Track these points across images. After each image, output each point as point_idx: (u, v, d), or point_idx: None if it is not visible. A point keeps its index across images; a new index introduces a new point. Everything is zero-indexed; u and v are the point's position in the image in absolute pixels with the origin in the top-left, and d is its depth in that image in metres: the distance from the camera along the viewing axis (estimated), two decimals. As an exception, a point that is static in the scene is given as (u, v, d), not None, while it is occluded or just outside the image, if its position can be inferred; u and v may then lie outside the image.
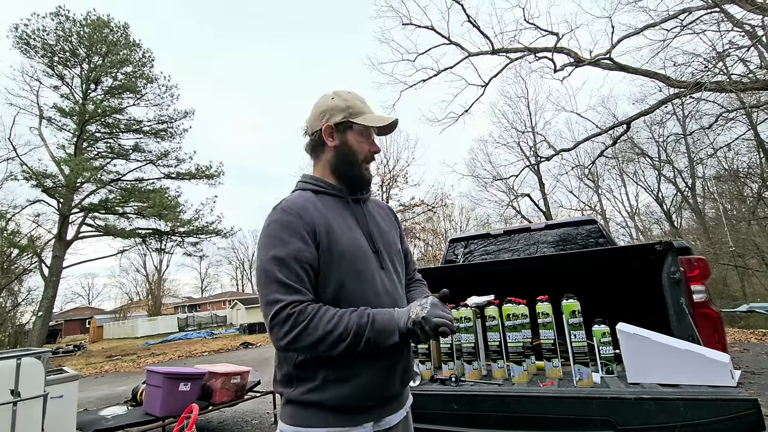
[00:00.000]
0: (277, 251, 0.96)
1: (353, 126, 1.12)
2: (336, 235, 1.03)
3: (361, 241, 1.08)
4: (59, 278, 17.40)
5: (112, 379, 9.88)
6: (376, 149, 1.16)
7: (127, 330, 33.49)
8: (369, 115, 1.13)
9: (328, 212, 1.07)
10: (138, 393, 4.37)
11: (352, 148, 1.12)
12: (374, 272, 1.06)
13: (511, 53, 11.66)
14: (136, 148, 18.92)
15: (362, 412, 0.99)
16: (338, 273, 1.00)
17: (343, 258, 1.01)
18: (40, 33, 16.58)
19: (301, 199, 1.07)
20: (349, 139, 1.12)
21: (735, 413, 1.45)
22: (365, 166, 1.15)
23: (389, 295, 1.08)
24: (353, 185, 1.15)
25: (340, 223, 1.06)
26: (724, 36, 8.67)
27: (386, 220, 1.25)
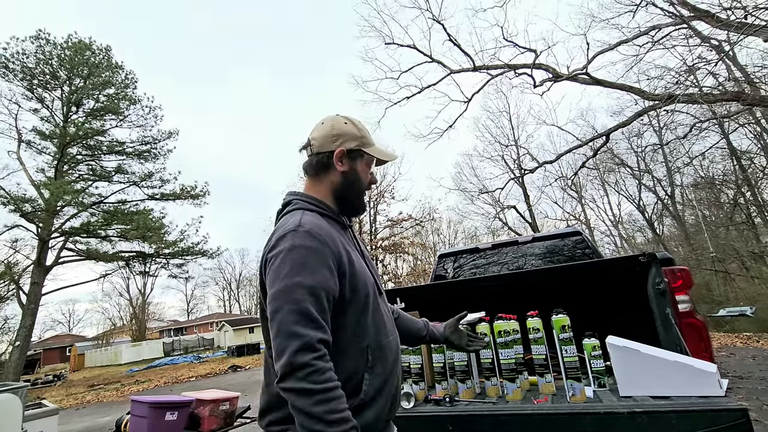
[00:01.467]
0: (309, 280, 0.90)
1: (364, 156, 1.15)
2: (354, 265, 1.03)
3: (367, 271, 1.10)
4: (38, 305, 16.79)
5: (94, 409, 9.50)
6: (375, 180, 1.21)
7: (109, 357, 32.36)
8: (377, 148, 1.18)
9: (343, 240, 1.06)
10: (122, 424, 4.20)
11: (359, 177, 1.14)
12: (378, 300, 1.10)
13: (492, 70, 11.95)
14: (119, 170, 18.64)
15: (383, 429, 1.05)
16: (356, 303, 1.01)
17: (359, 288, 1.02)
18: (19, 56, 16.39)
19: (322, 224, 1.02)
20: (358, 167, 1.14)
21: (726, 423, 1.47)
22: (365, 195, 1.20)
23: (391, 322, 1.16)
24: (352, 212, 1.18)
25: (352, 252, 1.07)
26: (693, 50, 9.07)
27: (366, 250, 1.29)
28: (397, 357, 1.12)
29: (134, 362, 28.05)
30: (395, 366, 1.10)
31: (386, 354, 1.07)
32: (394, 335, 1.14)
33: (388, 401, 1.05)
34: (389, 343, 1.09)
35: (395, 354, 1.12)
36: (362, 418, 0.96)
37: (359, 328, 1.01)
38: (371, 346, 1.03)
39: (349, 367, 0.98)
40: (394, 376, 1.08)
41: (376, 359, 1.03)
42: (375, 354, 1.03)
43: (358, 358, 1.00)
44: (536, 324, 2.15)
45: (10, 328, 21.14)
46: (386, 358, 1.06)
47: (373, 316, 1.05)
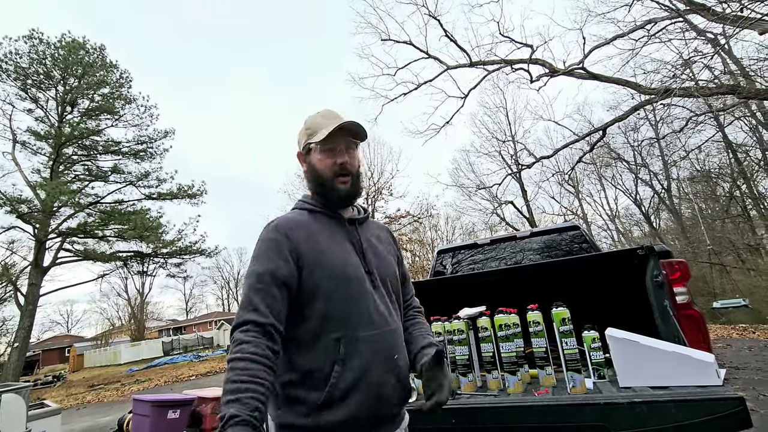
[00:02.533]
0: (259, 267, 1.02)
1: (312, 146, 1.16)
2: (324, 256, 1.05)
3: (353, 261, 1.09)
4: (36, 307, 16.75)
5: (95, 409, 9.51)
6: (343, 160, 1.13)
7: (109, 357, 32.31)
8: (321, 131, 1.13)
9: (320, 232, 1.10)
10: (125, 423, 4.22)
11: (316, 169, 1.15)
12: (367, 293, 1.07)
13: (489, 65, 11.95)
14: (116, 170, 18.55)
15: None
16: (325, 293, 1.02)
17: (330, 278, 1.03)
18: (12, 56, 16.24)
19: (294, 218, 1.12)
20: (312, 160, 1.16)
21: (724, 412, 1.50)
22: (339, 180, 1.13)
23: (381, 316, 1.07)
24: (332, 202, 1.16)
25: (330, 244, 1.09)
26: (689, 44, 9.09)
27: (385, 242, 1.26)
28: (382, 352, 1.05)
29: (134, 362, 28.03)
30: (378, 361, 1.03)
31: (364, 348, 1.01)
32: (385, 329, 1.07)
33: (370, 399, 0.99)
34: (372, 337, 1.03)
35: (380, 348, 1.04)
36: (330, 414, 0.95)
37: (329, 319, 1.00)
38: (344, 338, 1.00)
39: (314, 358, 0.99)
40: (377, 371, 1.01)
41: (350, 352, 0.99)
42: (349, 347, 1.00)
43: (328, 350, 0.99)
44: (536, 317, 2.17)
45: (9, 330, 21.13)
46: (364, 352, 1.01)
47: (350, 306, 1.03)
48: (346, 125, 1.12)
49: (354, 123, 1.13)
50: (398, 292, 1.21)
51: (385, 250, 1.23)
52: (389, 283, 1.16)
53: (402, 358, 1.11)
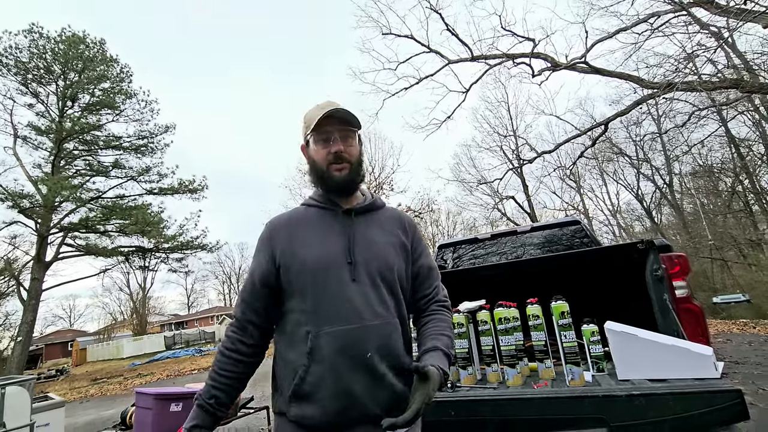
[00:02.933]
0: (251, 264, 1.16)
1: (309, 138, 1.17)
2: (299, 252, 1.08)
3: (332, 255, 1.06)
4: (39, 301, 16.85)
5: (98, 403, 9.59)
6: (337, 148, 1.12)
7: (111, 351, 32.52)
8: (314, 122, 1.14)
9: (305, 227, 1.14)
10: (127, 416, 4.25)
11: (314, 159, 1.17)
12: (341, 284, 1.03)
13: (490, 59, 11.88)
14: (117, 165, 18.56)
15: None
16: (299, 288, 1.06)
17: (303, 273, 1.05)
18: (12, 51, 16.20)
19: (286, 216, 1.19)
20: (311, 152, 1.17)
21: (721, 404, 1.51)
22: (335, 168, 1.13)
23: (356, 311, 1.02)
24: (331, 191, 1.17)
25: (310, 238, 1.10)
26: (692, 38, 9.02)
27: (388, 232, 1.17)
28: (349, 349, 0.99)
29: (136, 356, 28.21)
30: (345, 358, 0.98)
31: (328, 343, 0.99)
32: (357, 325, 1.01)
33: (337, 397, 0.96)
34: (338, 332, 0.99)
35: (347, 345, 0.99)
36: (300, 408, 1.00)
37: (304, 313, 1.04)
38: (312, 333, 1.01)
39: (292, 351, 1.06)
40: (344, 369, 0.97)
41: (316, 347, 1.00)
42: (315, 341, 1.00)
43: (301, 343, 1.03)
44: (536, 311, 2.18)
45: (12, 324, 21.22)
46: (327, 348, 0.98)
47: (320, 301, 1.02)
48: (333, 113, 1.11)
49: (342, 110, 1.12)
50: (393, 285, 1.11)
51: (385, 240, 1.15)
52: (378, 275, 1.08)
53: (382, 356, 1.02)
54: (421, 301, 1.21)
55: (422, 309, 1.20)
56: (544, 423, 1.77)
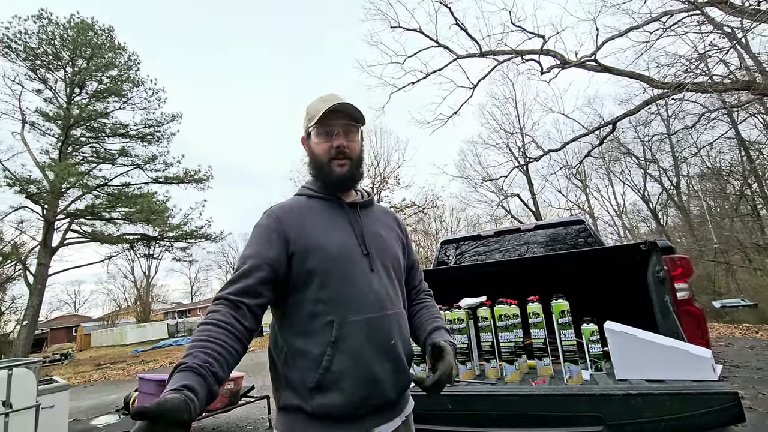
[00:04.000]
0: (246, 250, 1.04)
1: (311, 131, 1.15)
2: (317, 239, 1.05)
3: (349, 244, 1.08)
4: (45, 286, 17.04)
5: (101, 387, 9.73)
6: (339, 143, 1.12)
7: (115, 337, 32.92)
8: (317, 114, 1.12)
9: (315, 216, 1.11)
10: (130, 401, 4.33)
11: (314, 153, 1.16)
12: (362, 274, 1.06)
13: (499, 55, 11.79)
14: (123, 153, 18.65)
15: (350, 421, 0.97)
16: (319, 276, 1.02)
17: (324, 261, 1.03)
18: (21, 36, 16.25)
19: (290, 204, 1.14)
20: (312, 144, 1.16)
21: (718, 406, 1.51)
22: (336, 163, 1.13)
23: (378, 300, 1.06)
24: (330, 185, 1.16)
25: (325, 227, 1.09)
26: (705, 37, 8.90)
27: (389, 227, 1.24)
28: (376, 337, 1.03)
29: (139, 343, 28.53)
30: (372, 346, 1.01)
31: (356, 331, 1.00)
32: (381, 314, 1.05)
33: (363, 384, 0.98)
34: (365, 321, 1.02)
35: (374, 333, 1.03)
36: (324, 397, 0.95)
37: (323, 302, 1.00)
38: (337, 322, 0.99)
39: (309, 341, 1.00)
40: (371, 356, 1.00)
41: (342, 336, 0.99)
42: (341, 330, 0.99)
43: (322, 333, 0.99)
44: (536, 309, 2.19)
45: (18, 308, 21.50)
46: (356, 336, 1.00)
47: (344, 289, 1.02)
48: (339, 107, 1.11)
49: (347, 105, 1.11)
50: (400, 276, 1.19)
51: (388, 234, 1.21)
52: (390, 267, 1.15)
53: (401, 344, 1.08)
54: (412, 292, 1.31)
55: (413, 298, 1.29)
56: (541, 419, 1.78)
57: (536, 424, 1.78)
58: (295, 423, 0.98)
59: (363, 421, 0.99)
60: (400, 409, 1.10)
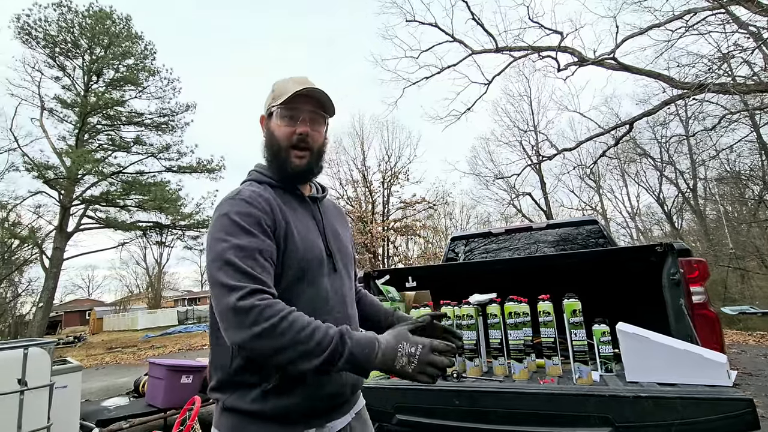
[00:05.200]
0: (242, 241, 0.86)
1: (274, 110, 1.04)
2: (294, 235, 0.96)
3: (316, 243, 1.01)
4: (60, 270, 17.44)
5: (112, 370, 9.95)
6: (303, 130, 1.02)
7: (127, 322, 33.59)
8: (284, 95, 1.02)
9: (288, 209, 1.01)
10: (140, 384, 4.41)
11: (274, 135, 1.04)
12: (325, 276, 1.00)
13: (515, 52, 11.64)
14: (138, 141, 18.91)
15: (306, 420, 0.92)
16: (290, 273, 0.94)
17: (297, 259, 0.95)
18: (41, 23, 16.52)
19: (262, 192, 0.99)
20: (272, 126, 1.04)
21: (732, 412, 1.48)
22: (294, 153, 1.02)
23: (339, 301, 1.02)
24: (284, 175, 1.05)
25: (298, 223, 1.01)
26: (729, 37, 8.66)
27: (340, 222, 1.19)
28: None
29: (150, 328, 29.05)
30: None
31: None
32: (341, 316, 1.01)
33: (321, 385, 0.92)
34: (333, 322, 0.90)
35: None
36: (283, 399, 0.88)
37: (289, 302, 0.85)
38: None
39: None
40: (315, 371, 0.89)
41: None
42: None
43: None
44: (547, 308, 2.17)
45: (34, 290, 22.08)
46: None
47: (310, 291, 0.96)
48: (310, 92, 1.01)
49: (319, 91, 1.03)
50: (354, 273, 1.16)
51: (343, 232, 1.16)
52: (348, 266, 1.11)
53: None
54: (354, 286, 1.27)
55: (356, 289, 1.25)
56: (549, 418, 1.77)
57: (543, 423, 1.77)
58: (243, 422, 0.90)
59: (319, 418, 0.94)
60: (351, 405, 1.05)
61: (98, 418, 3.50)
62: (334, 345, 0.77)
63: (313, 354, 0.77)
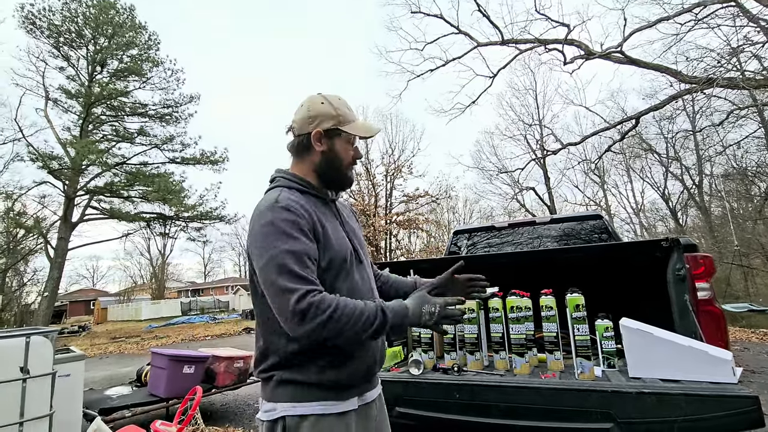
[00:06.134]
0: (290, 246, 1.00)
1: (341, 134, 1.18)
2: (329, 237, 1.11)
3: (345, 240, 1.17)
4: (64, 260, 17.57)
5: (116, 360, 10.04)
6: (358, 155, 1.24)
7: (130, 312, 33.87)
8: (356, 124, 1.20)
9: (319, 213, 1.14)
10: (143, 374, 4.44)
11: (338, 155, 1.19)
12: (354, 268, 1.16)
13: (521, 44, 11.51)
14: (141, 132, 18.91)
15: (351, 389, 1.10)
16: (331, 269, 1.09)
17: (334, 256, 1.10)
18: (45, 13, 16.50)
19: (298, 199, 1.11)
20: (337, 145, 1.18)
21: (736, 409, 1.46)
22: (350, 170, 1.23)
23: (369, 287, 1.20)
24: (336, 187, 1.24)
25: (330, 224, 1.15)
26: (739, 31, 8.52)
27: (356, 221, 1.37)
28: None
29: (153, 319, 29.28)
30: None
31: None
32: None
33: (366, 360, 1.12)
34: None
35: None
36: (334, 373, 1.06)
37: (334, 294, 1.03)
38: None
39: None
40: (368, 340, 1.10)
41: None
42: None
43: None
44: (550, 302, 2.15)
45: (39, 280, 22.27)
46: None
47: (348, 282, 1.12)
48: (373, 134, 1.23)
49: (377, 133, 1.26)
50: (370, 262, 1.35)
51: (359, 228, 1.35)
52: (368, 258, 1.30)
53: None
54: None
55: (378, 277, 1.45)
56: (550, 412, 1.76)
57: (544, 417, 1.76)
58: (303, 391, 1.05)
59: (358, 388, 1.12)
60: (377, 380, 1.25)
61: (101, 407, 3.53)
62: (377, 318, 0.98)
63: (364, 329, 0.97)
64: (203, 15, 73.72)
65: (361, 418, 1.11)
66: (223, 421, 4.12)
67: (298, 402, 1.04)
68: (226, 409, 4.66)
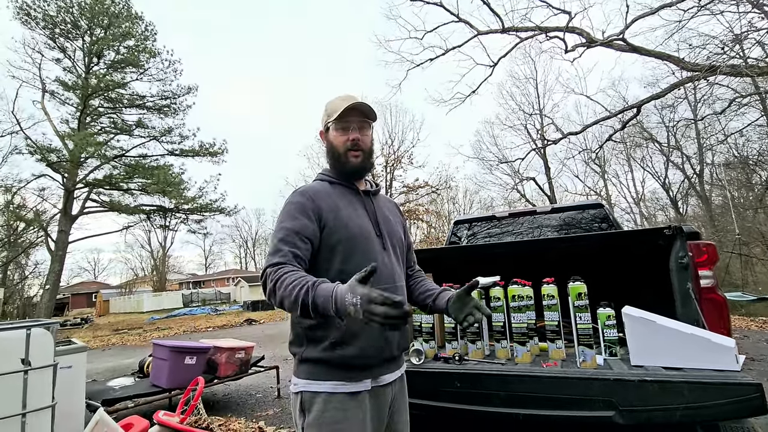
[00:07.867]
0: (288, 223, 1.18)
1: (330, 125, 1.31)
2: (343, 219, 1.22)
3: (366, 225, 1.27)
4: (65, 252, 17.59)
5: (118, 351, 10.10)
6: (354, 136, 1.29)
7: (132, 305, 34.05)
8: (335, 107, 1.29)
9: (338, 199, 1.28)
10: (145, 365, 4.46)
11: (333, 144, 1.31)
12: (377, 252, 1.24)
13: (522, 32, 11.37)
14: (140, 124, 18.80)
15: (363, 370, 1.16)
16: (344, 249, 1.19)
17: (348, 238, 1.20)
18: (40, 3, 16.28)
19: (317, 186, 1.30)
20: (331, 137, 1.32)
21: (739, 397, 1.46)
22: (352, 154, 1.29)
23: (389, 273, 1.25)
24: (346, 174, 1.32)
25: (348, 209, 1.26)
26: (742, 17, 8.39)
27: (393, 212, 1.46)
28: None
29: (155, 311, 29.44)
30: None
31: None
32: (391, 285, 1.23)
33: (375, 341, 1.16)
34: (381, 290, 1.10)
35: None
36: (344, 350, 1.14)
37: (346, 272, 1.11)
38: None
39: None
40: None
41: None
42: None
43: None
44: (551, 291, 2.14)
45: (41, 273, 22.36)
46: None
47: (363, 262, 1.14)
48: (357, 105, 1.27)
49: (364, 104, 1.28)
50: (403, 256, 1.40)
51: (394, 219, 1.42)
52: (397, 246, 1.35)
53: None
54: (409, 269, 1.50)
55: (410, 274, 1.49)
56: (551, 401, 1.75)
57: (546, 406, 1.76)
58: (317, 369, 1.15)
59: (371, 370, 1.18)
60: (400, 364, 1.31)
61: (104, 398, 3.54)
62: (303, 297, 0.98)
63: (294, 305, 0.99)
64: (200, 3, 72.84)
65: (374, 399, 1.17)
66: (226, 411, 4.15)
67: (313, 380, 1.15)
68: (229, 400, 4.68)
